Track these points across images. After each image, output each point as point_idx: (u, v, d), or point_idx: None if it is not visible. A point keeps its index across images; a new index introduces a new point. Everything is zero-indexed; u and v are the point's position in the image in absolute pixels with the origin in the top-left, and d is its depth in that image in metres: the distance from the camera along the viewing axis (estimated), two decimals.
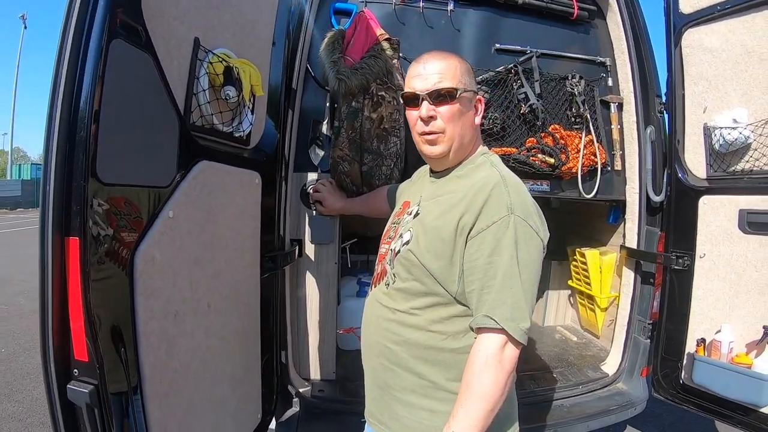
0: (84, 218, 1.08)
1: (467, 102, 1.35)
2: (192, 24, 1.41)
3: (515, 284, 1.18)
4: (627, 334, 2.69)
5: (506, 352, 1.17)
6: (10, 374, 4.31)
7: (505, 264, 1.18)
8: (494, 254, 1.19)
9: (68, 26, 1.07)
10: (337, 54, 2.21)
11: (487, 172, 1.31)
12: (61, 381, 1.12)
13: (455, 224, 1.24)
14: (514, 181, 1.29)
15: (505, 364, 1.17)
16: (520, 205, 1.22)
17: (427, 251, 1.28)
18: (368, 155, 2.21)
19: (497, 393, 1.15)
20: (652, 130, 2.56)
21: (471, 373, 1.18)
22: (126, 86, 1.18)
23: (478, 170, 1.34)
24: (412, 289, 1.32)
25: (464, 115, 1.34)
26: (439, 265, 1.26)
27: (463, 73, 1.35)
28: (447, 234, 1.25)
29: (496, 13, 2.61)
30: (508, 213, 1.19)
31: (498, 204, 1.21)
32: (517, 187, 1.28)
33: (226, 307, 1.67)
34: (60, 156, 1.06)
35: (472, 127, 1.37)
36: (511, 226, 1.18)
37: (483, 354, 1.17)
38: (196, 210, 1.48)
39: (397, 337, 1.34)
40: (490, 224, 1.20)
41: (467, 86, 1.34)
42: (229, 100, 1.56)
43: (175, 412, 1.39)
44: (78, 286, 1.10)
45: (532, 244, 1.21)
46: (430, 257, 1.28)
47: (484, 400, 1.15)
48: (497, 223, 1.19)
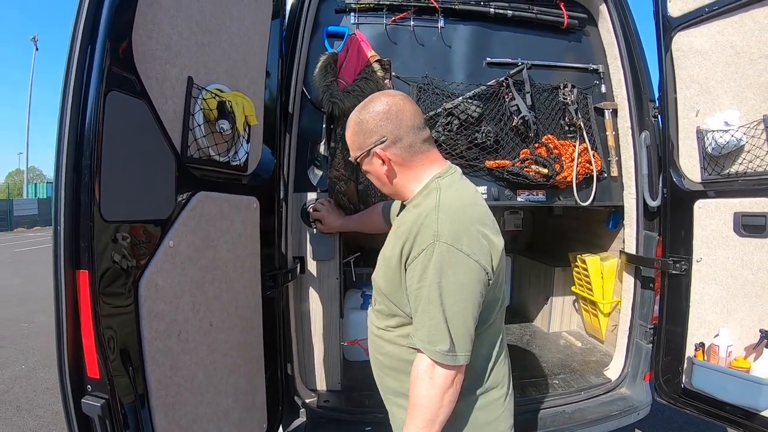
0: (91, 253, 1.22)
1: (367, 163, 1.46)
2: (184, 64, 1.53)
3: (433, 309, 1.25)
4: (629, 339, 2.71)
5: (436, 371, 1.26)
6: (30, 389, 4.47)
7: (426, 290, 1.26)
8: (420, 281, 1.27)
9: (68, 82, 1.20)
10: (330, 77, 2.30)
11: (428, 202, 1.36)
12: (76, 396, 1.26)
13: (399, 253, 1.35)
14: (449, 206, 1.32)
15: (436, 381, 1.25)
16: (449, 231, 1.26)
17: (383, 279, 1.45)
18: (364, 174, 2.29)
19: (433, 405, 1.25)
20: (647, 135, 2.59)
21: (411, 386, 1.31)
22: (124, 132, 1.31)
23: (427, 198, 1.39)
24: (383, 311, 1.49)
25: (374, 170, 1.46)
26: (392, 290, 1.41)
27: (355, 137, 1.45)
28: (394, 263, 1.37)
29: (487, 27, 2.67)
30: (433, 240, 1.25)
31: (426, 232, 1.28)
32: (453, 212, 1.31)
33: (228, 325, 1.78)
34: (68, 199, 1.20)
35: (387, 174, 1.44)
36: (435, 253, 1.24)
37: (416, 370, 1.29)
38: (195, 237, 1.60)
39: (381, 349, 1.52)
40: (420, 253, 1.28)
41: (360, 149, 1.44)
42: (223, 132, 1.67)
43: (181, 422, 1.51)
44: (89, 313, 1.24)
45: (460, 267, 1.25)
46: (385, 284, 1.44)
47: (421, 411, 1.26)
48: (425, 251, 1.27)
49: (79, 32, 1.22)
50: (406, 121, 1.40)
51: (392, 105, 1.41)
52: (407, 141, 1.40)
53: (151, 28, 1.37)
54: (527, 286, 4.07)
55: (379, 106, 1.41)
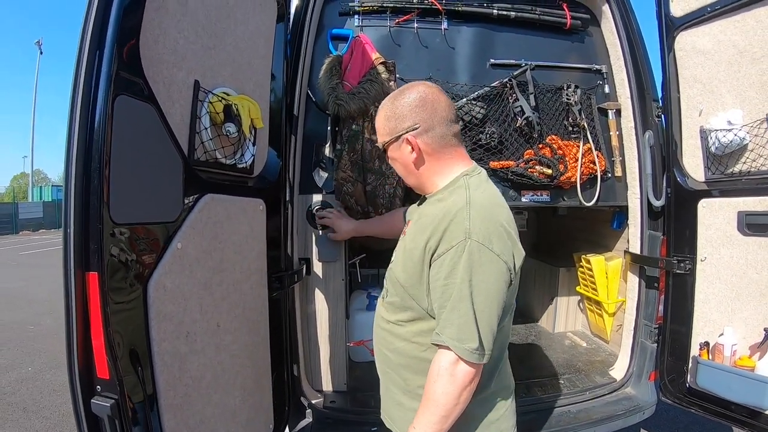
0: (101, 255, 1.24)
1: (395, 149, 1.45)
2: (190, 68, 1.55)
3: (464, 306, 1.24)
4: (634, 339, 2.71)
5: (458, 367, 1.26)
6: (37, 391, 4.50)
7: (456, 287, 1.25)
8: (449, 277, 1.26)
9: (77, 86, 1.22)
10: (335, 80, 2.32)
11: (456, 197, 1.36)
12: (86, 396, 1.28)
13: (423, 246, 1.33)
14: (481, 205, 1.32)
15: (457, 378, 1.26)
16: (480, 229, 1.26)
17: (402, 270, 1.42)
18: (371, 175, 2.31)
19: (449, 402, 1.26)
20: (651, 135, 2.59)
21: (428, 381, 1.30)
22: (132, 135, 1.32)
23: (451, 195, 1.39)
24: (396, 303, 1.46)
25: (401, 158, 1.45)
26: (411, 283, 1.39)
27: (387, 122, 1.44)
28: (416, 255, 1.35)
29: (490, 29, 2.68)
30: (464, 238, 1.25)
31: (457, 229, 1.27)
32: (484, 211, 1.31)
33: (235, 326, 1.80)
34: (78, 202, 1.22)
35: (415, 162, 1.43)
36: (466, 251, 1.24)
37: (436, 366, 1.28)
38: (203, 239, 1.61)
39: (389, 345, 1.50)
40: (449, 249, 1.27)
41: (390, 134, 1.43)
42: (230, 135, 1.69)
43: (189, 422, 1.53)
44: (98, 315, 1.25)
45: (489, 266, 1.26)
46: (404, 276, 1.41)
47: (437, 408, 1.26)
48: (455, 248, 1.26)
49: (87, 37, 1.23)
50: (440, 111, 1.40)
51: (428, 94, 1.41)
52: (439, 131, 1.40)
53: (158, 32, 1.39)
54: (532, 286, 4.07)
55: (414, 94, 1.41)
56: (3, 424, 3.82)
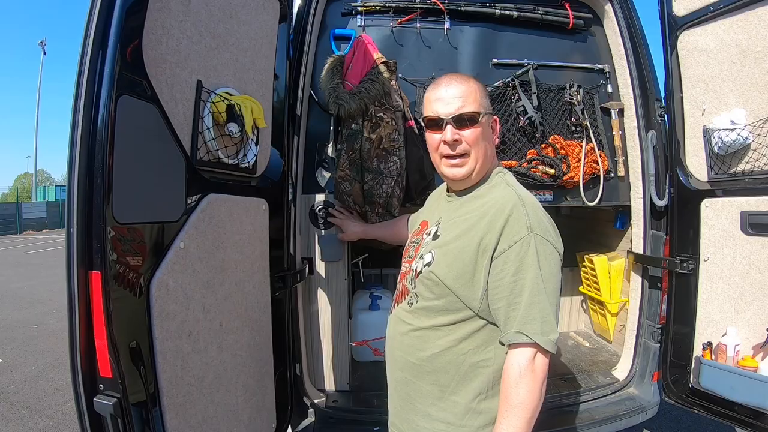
0: (104, 254, 1.24)
1: (487, 124, 1.42)
2: (193, 68, 1.55)
3: (542, 299, 1.24)
4: (637, 339, 2.71)
5: (537, 362, 1.24)
6: (40, 390, 4.52)
7: (530, 281, 1.24)
8: (519, 272, 1.25)
9: (80, 86, 1.22)
10: (336, 80, 2.32)
11: (504, 192, 1.37)
12: (89, 395, 1.28)
13: (476, 245, 1.30)
14: (530, 200, 1.35)
15: (538, 373, 1.24)
16: (538, 223, 1.28)
17: (448, 272, 1.34)
18: (369, 174, 2.31)
19: (534, 401, 1.22)
20: (654, 135, 2.58)
21: (508, 385, 1.25)
22: (135, 135, 1.33)
23: (494, 190, 1.39)
24: (434, 308, 1.38)
25: (486, 137, 1.41)
26: (460, 284, 1.33)
27: (483, 95, 1.41)
28: (468, 255, 1.31)
29: (492, 29, 2.69)
30: (528, 232, 1.26)
31: (518, 224, 1.27)
32: (534, 205, 1.34)
33: (237, 326, 1.80)
34: (81, 201, 1.22)
35: (492, 147, 1.44)
36: (532, 245, 1.25)
37: (517, 367, 1.24)
38: (205, 239, 1.61)
39: (420, 353, 1.41)
40: (513, 244, 1.26)
41: (487, 109, 1.41)
42: (232, 135, 1.70)
43: (191, 422, 1.53)
44: (101, 313, 1.25)
45: (552, 258, 1.29)
46: (451, 277, 1.34)
47: (524, 410, 1.22)
48: (519, 243, 1.26)
49: (90, 37, 1.24)
50: None
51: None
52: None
53: (160, 32, 1.39)
54: None
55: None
56: (6, 423, 3.84)
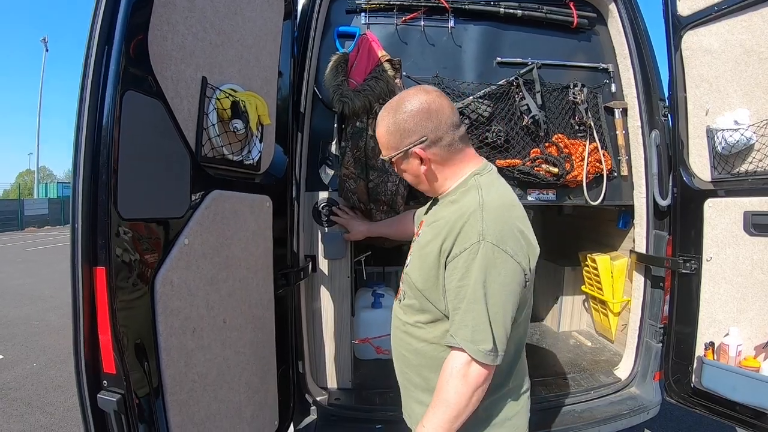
0: (109, 250, 1.24)
1: (403, 161, 1.42)
2: (198, 64, 1.55)
3: (479, 308, 1.24)
4: (639, 339, 2.71)
5: (471, 369, 1.25)
6: (41, 387, 4.51)
7: (470, 289, 1.24)
8: (463, 279, 1.26)
9: (85, 81, 1.22)
10: (340, 77, 2.32)
11: (471, 197, 1.34)
12: (92, 391, 1.28)
13: (438, 249, 1.32)
14: (493, 206, 1.31)
15: (469, 379, 1.25)
16: (494, 231, 1.25)
17: (418, 276, 1.40)
18: (374, 172, 2.32)
19: (461, 403, 1.25)
20: (657, 134, 2.58)
21: (440, 381, 1.30)
22: (140, 131, 1.33)
23: (467, 194, 1.37)
24: (414, 306, 1.45)
25: (410, 169, 1.43)
26: (428, 287, 1.38)
27: (390, 138, 1.40)
28: (432, 258, 1.34)
29: (497, 27, 2.68)
30: (478, 240, 1.24)
31: (471, 231, 1.26)
32: (497, 212, 1.30)
33: (241, 322, 1.80)
34: (85, 197, 1.22)
35: (425, 172, 1.41)
36: (480, 253, 1.23)
37: (450, 367, 1.28)
38: (210, 235, 1.61)
39: (408, 346, 1.49)
40: (463, 251, 1.26)
41: (396, 149, 1.40)
42: (237, 132, 1.69)
43: (194, 418, 1.53)
44: (106, 309, 1.25)
45: (503, 268, 1.25)
46: (420, 279, 1.39)
47: (449, 408, 1.26)
48: (468, 250, 1.25)
49: (96, 32, 1.23)
50: (446, 119, 1.36)
51: (431, 102, 1.36)
52: (447, 140, 1.37)
53: (166, 29, 1.39)
54: (537, 285, 3.98)
55: (416, 104, 1.36)
56: (7, 419, 3.84)
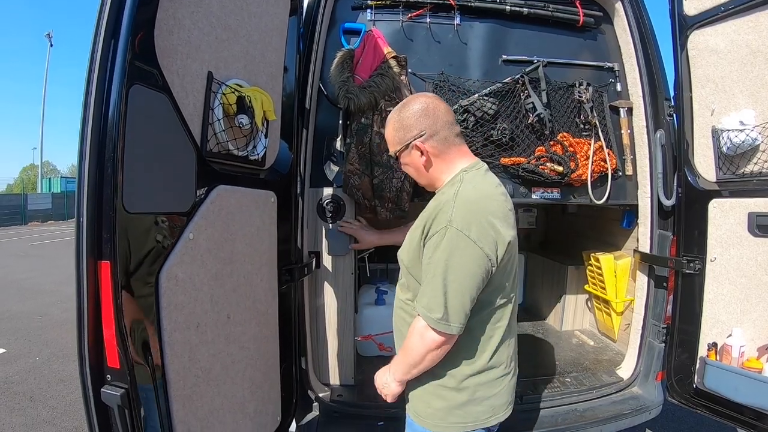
0: (113, 244, 1.24)
1: (406, 155, 1.63)
2: (204, 59, 1.55)
3: (437, 282, 1.43)
4: (642, 339, 2.70)
5: (428, 333, 1.48)
6: (44, 381, 4.54)
7: (433, 265, 1.45)
8: (431, 256, 1.47)
9: (92, 75, 1.22)
10: (346, 73, 2.32)
11: (449, 191, 1.55)
12: (96, 385, 1.28)
13: (421, 231, 1.54)
14: (466, 197, 1.49)
15: (425, 340, 1.49)
16: (461, 219, 1.43)
17: (406, 255, 1.64)
18: (378, 168, 2.31)
19: (417, 357, 1.52)
20: (662, 134, 2.58)
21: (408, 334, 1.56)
22: (146, 125, 1.33)
23: (451, 188, 1.57)
24: (405, 284, 1.69)
25: (412, 163, 1.63)
26: (412, 264, 1.60)
27: (395, 133, 1.63)
28: (416, 239, 1.57)
29: (503, 25, 2.68)
30: (446, 225, 1.43)
31: (442, 217, 1.47)
32: (468, 203, 1.48)
33: (245, 318, 1.80)
34: (91, 191, 1.22)
35: (424, 165, 1.62)
36: (446, 236, 1.43)
37: (413, 326, 1.54)
38: (214, 230, 1.61)
39: (400, 319, 1.72)
40: (435, 233, 1.47)
41: (400, 143, 1.62)
42: (242, 127, 1.69)
43: (198, 413, 1.53)
44: (110, 303, 1.25)
45: (465, 251, 1.43)
46: (407, 258, 1.63)
47: (407, 357, 1.56)
48: (438, 233, 1.45)
49: (102, 26, 1.23)
50: (441, 117, 1.59)
51: (428, 104, 1.60)
52: (443, 134, 1.59)
53: (172, 23, 1.39)
54: (540, 284, 4.06)
55: (417, 105, 1.60)
56: (10, 413, 3.86)
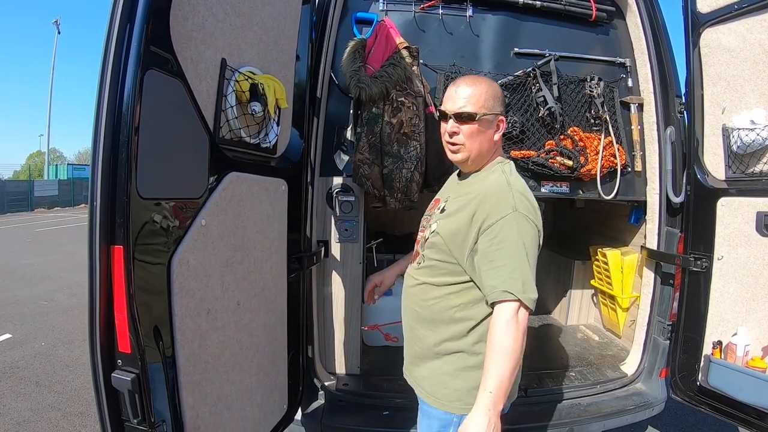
0: (127, 229, 1.24)
1: (487, 123, 1.60)
2: (218, 46, 1.55)
3: (524, 265, 1.45)
4: (647, 335, 2.71)
5: (520, 315, 1.43)
6: (50, 366, 4.55)
7: (513, 250, 1.45)
8: (503, 242, 1.46)
9: (107, 60, 1.22)
10: (358, 63, 2.32)
11: (497, 177, 1.59)
12: (107, 370, 1.29)
13: (470, 217, 1.53)
14: (518, 186, 1.56)
15: (521, 324, 1.42)
16: (522, 204, 1.50)
17: (446, 232, 1.59)
18: (389, 158, 2.32)
19: (518, 349, 1.41)
20: (672, 131, 2.57)
21: (496, 336, 1.42)
22: (160, 110, 1.33)
23: (492, 175, 1.62)
24: (435, 266, 1.64)
25: (482, 133, 1.60)
26: (454, 243, 1.56)
27: (488, 98, 1.59)
28: (463, 222, 1.55)
29: (515, 18, 2.67)
30: (512, 210, 1.47)
31: (505, 204, 1.49)
32: (520, 190, 1.55)
33: (254, 305, 1.81)
34: (104, 175, 1.22)
35: (489, 141, 1.63)
36: (516, 221, 1.46)
37: (503, 319, 1.42)
38: (226, 217, 1.62)
39: (421, 302, 1.67)
40: (499, 219, 1.47)
41: (489, 110, 1.59)
42: (255, 114, 1.69)
43: (207, 399, 1.55)
44: (122, 288, 1.26)
45: (533, 233, 1.50)
46: (448, 236, 1.58)
47: (509, 357, 1.39)
48: (504, 219, 1.47)
49: (117, 11, 1.23)
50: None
51: None
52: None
53: (187, 9, 1.39)
54: (546, 278, 4.05)
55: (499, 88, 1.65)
56: (16, 398, 3.88)
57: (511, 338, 1.40)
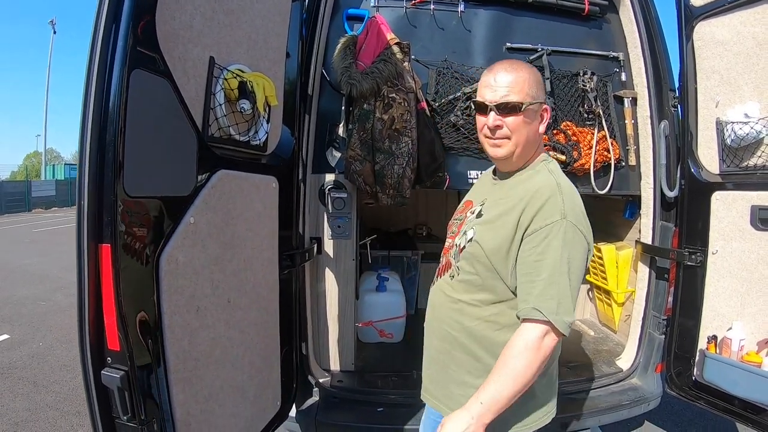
0: (114, 228, 1.24)
1: (532, 113, 1.42)
2: (206, 44, 1.54)
3: (563, 281, 1.29)
4: (642, 330, 2.70)
5: (546, 341, 1.28)
6: (47, 366, 4.56)
7: (553, 262, 1.29)
8: (544, 252, 1.30)
9: (93, 60, 1.21)
10: (349, 59, 2.32)
11: (545, 177, 1.42)
12: (96, 368, 1.29)
13: (515, 223, 1.36)
14: (568, 189, 1.40)
15: (543, 351, 1.28)
16: (572, 211, 1.34)
17: (488, 246, 1.41)
18: (380, 155, 2.32)
19: (529, 376, 1.27)
20: (666, 125, 2.56)
21: (509, 354, 1.30)
22: (147, 109, 1.32)
23: (537, 176, 1.44)
24: (473, 282, 1.46)
25: (528, 125, 1.42)
26: (497, 258, 1.39)
27: (531, 85, 1.41)
28: (506, 231, 1.38)
29: (507, 12, 2.66)
30: (561, 218, 1.31)
31: (553, 209, 1.33)
32: (571, 194, 1.39)
33: (245, 302, 1.81)
34: (92, 174, 1.22)
35: (535, 134, 1.45)
36: (563, 230, 1.30)
37: (523, 341, 1.29)
38: (215, 215, 1.62)
39: (458, 325, 1.49)
40: (544, 226, 1.32)
41: (534, 98, 1.41)
42: (244, 112, 1.69)
43: (198, 396, 1.54)
44: (111, 286, 1.26)
45: (581, 246, 1.34)
46: (490, 250, 1.40)
47: (515, 381, 1.27)
48: (550, 225, 1.31)
49: (103, 11, 1.22)
50: None
51: None
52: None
53: (174, 8, 1.38)
54: None
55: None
56: (13, 398, 3.89)
57: (525, 362, 1.27)
